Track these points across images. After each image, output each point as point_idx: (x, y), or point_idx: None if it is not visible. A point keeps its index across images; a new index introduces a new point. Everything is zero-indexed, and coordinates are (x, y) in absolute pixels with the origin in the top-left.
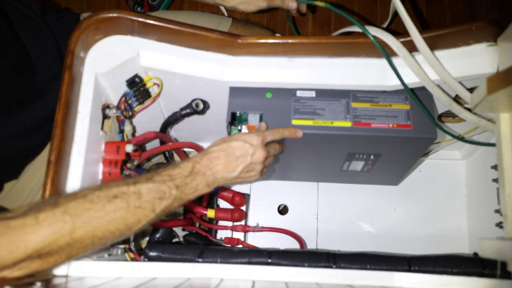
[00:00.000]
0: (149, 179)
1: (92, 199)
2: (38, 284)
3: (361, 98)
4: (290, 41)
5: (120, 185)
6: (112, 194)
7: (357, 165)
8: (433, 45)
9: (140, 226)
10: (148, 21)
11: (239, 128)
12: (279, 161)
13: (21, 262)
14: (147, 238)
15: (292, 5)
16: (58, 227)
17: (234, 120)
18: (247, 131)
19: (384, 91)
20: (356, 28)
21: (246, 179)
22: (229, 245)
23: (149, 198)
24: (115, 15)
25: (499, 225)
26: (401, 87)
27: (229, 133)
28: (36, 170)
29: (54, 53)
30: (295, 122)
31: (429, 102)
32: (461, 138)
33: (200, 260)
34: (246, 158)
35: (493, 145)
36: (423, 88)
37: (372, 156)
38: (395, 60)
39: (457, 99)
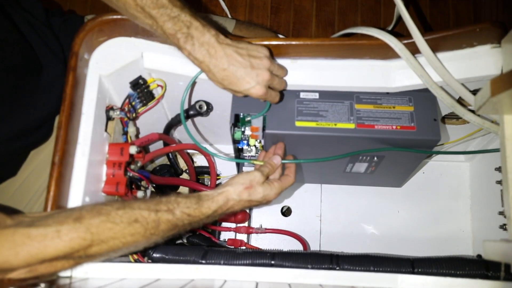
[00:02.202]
0: (170, 211)
1: (114, 220)
2: (42, 285)
3: (364, 100)
4: (293, 42)
5: (142, 208)
6: (133, 218)
7: (361, 167)
8: (437, 47)
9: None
10: None
11: (243, 129)
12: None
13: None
14: None
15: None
16: (77, 243)
17: (238, 121)
18: (250, 132)
19: (387, 93)
20: (358, 30)
21: None
22: (233, 247)
23: (164, 228)
24: (119, 17)
25: (503, 227)
26: (405, 88)
27: (233, 135)
28: (40, 172)
29: (58, 55)
30: (298, 123)
31: (432, 104)
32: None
33: (203, 261)
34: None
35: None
36: (426, 90)
37: (375, 158)
38: (398, 62)
39: (460, 101)
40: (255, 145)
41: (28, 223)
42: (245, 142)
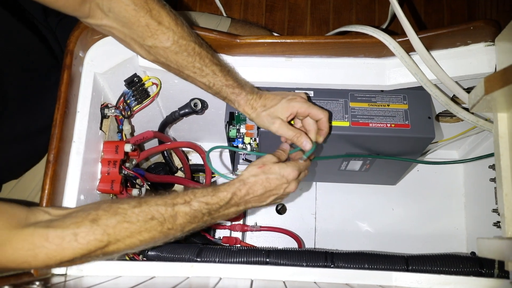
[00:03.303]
0: (187, 203)
1: (130, 219)
2: (37, 283)
3: (359, 98)
4: (288, 41)
5: (159, 204)
6: (150, 215)
7: (355, 165)
8: (431, 44)
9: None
10: None
11: (238, 127)
12: None
13: None
14: None
15: (307, 145)
16: (94, 246)
17: (232, 119)
18: (245, 130)
19: (382, 91)
20: (352, 28)
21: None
22: (228, 245)
23: (182, 221)
24: None
25: (497, 224)
26: (399, 86)
27: (228, 133)
28: (36, 171)
29: (58, 55)
30: (293, 121)
31: (427, 102)
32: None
33: (198, 259)
34: (279, 191)
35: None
36: (421, 88)
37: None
38: (392, 60)
39: (454, 99)
40: (250, 143)
41: (46, 222)
42: (240, 140)
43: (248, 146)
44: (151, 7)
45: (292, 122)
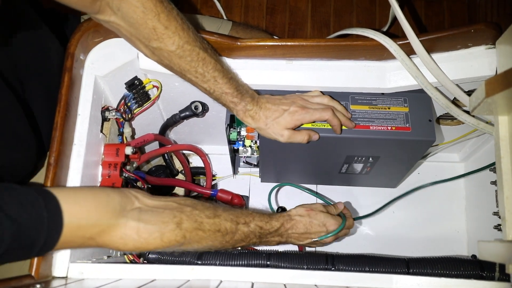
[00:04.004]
0: (246, 224)
1: (204, 228)
2: (38, 286)
3: (359, 101)
4: (289, 43)
5: (227, 220)
6: (218, 228)
7: (356, 168)
8: (432, 47)
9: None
10: None
11: (238, 130)
12: (277, 165)
13: None
14: None
15: (315, 136)
16: (172, 244)
17: (233, 122)
18: (246, 133)
19: (382, 94)
20: (353, 31)
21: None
22: None
23: (238, 238)
24: None
25: (498, 227)
26: (400, 89)
27: (228, 136)
28: (38, 174)
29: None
30: None
31: (427, 104)
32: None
33: (199, 262)
34: (316, 237)
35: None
36: (421, 91)
37: (371, 159)
38: (393, 63)
39: (455, 102)
40: (250, 146)
41: (137, 214)
42: (241, 142)
43: (249, 149)
44: (160, 11)
45: None
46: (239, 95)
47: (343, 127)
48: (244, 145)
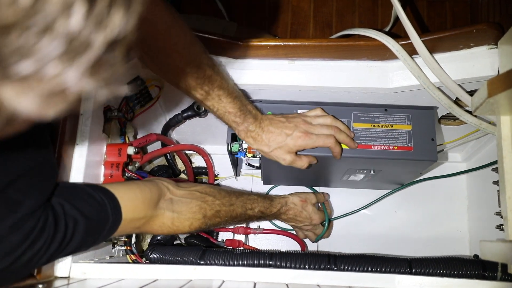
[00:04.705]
0: (253, 209)
1: (221, 216)
2: (40, 286)
3: (362, 118)
4: (291, 43)
5: (239, 207)
6: (231, 215)
7: (357, 177)
8: (434, 47)
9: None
10: None
11: (240, 143)
12: (280, 174)
13: None
14: (148, 240)
15: (314, 162)
16: (196, 229)
17: (235, 141)
18: (247, 145)
19: (386, 110)
20: (355, 31)
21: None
22: (230, 247)
23: (241, 219)
24: None
25: (500, 227)
26: (403, 90)
27: (230, 149)
28: None
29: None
30: None
31: (431, 122)
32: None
33: (201, 262)
34: (302, 225)
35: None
36: (425, 107)
37: (372, 171)
38: (395, 63)
39: (457, 102)
40: (253, 156)
41: (171, 205)
42: (243, 152)
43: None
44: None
45: None
46: (242, 116)
47: (345, 147)
48: (245, 155)
